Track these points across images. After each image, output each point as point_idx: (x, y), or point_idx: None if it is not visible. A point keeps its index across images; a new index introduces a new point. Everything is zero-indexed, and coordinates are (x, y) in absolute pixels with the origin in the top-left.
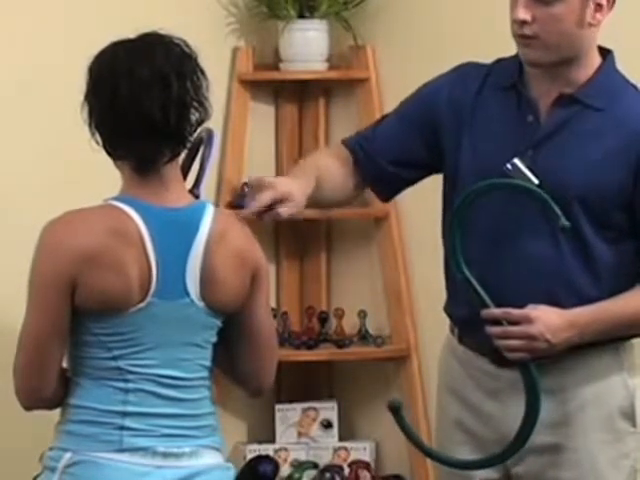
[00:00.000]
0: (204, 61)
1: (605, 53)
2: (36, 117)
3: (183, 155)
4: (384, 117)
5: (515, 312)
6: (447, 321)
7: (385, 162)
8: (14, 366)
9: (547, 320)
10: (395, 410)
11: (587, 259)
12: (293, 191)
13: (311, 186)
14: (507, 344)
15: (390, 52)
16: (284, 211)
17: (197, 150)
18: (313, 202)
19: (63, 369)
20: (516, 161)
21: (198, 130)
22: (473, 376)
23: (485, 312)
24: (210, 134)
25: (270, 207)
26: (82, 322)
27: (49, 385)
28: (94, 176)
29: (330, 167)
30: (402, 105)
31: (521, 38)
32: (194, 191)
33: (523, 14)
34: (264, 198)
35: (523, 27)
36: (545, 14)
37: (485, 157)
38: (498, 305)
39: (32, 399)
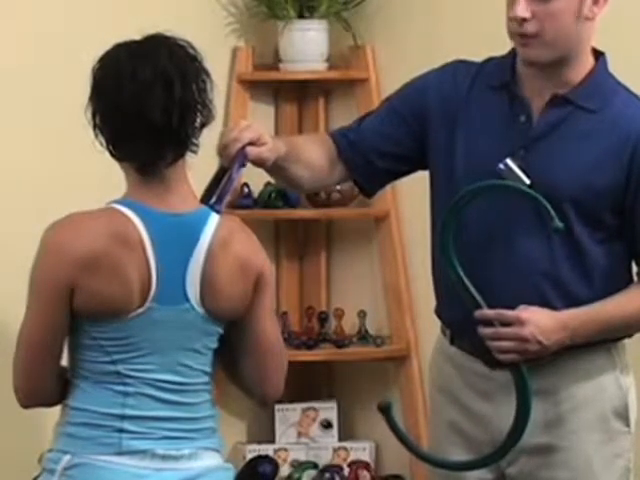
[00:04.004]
0: (205, 65)
1: (598, 55)
2: (39, 119)
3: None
4: (368, 113)
5: (507, 313)
6: None
7: (371, 153)
8: (13, 365)
9: (538, 322)
10: (385, 410)
11: (578, 260)
12: (263, 134)
13: (284, 147)
14: (498, 345)
15: (390, 52)
16: (251, 149)
17: (223, 173)
18: (286, 178)
19: (62, 368)
20: (508, 161)
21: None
22: (465, 377)
23: (478, 313)
24: (243, 153)
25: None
26: (81, 325)
27: (47, 384)
28: (98, 178)
29: (310, 145)
30: (389, 99)
31: (520, 37)
32: (215, 206)
33: (522, 11)
34: (233, 151)
35: (523, 25)
36: (544, 10)
37: (477, 157)
38: (489, 306)
39: (30, 397)
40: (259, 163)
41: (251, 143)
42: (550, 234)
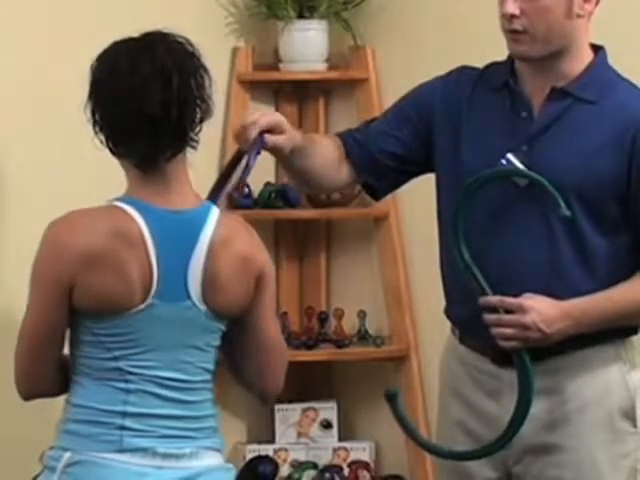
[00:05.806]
0: (204, 61)
1: (597, 49)
2: (39, 118)
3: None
4: (374, 118)
5: (510, 300)
6: (447, 321)
7: (378, 153)
8: (14, 359)
9: (541, 310)
10: (391, 398)
11: (583, 252)
12: (282, 122)
13: (299, 138)
14: (500, 332)
15: (390, 53)
16: (269, 136)
17: (239, 158)
18: (299, 171)
19: (64, 357)
20: (510, 156)
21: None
22: (474, 376)
23: (483, 299)
24: (261, 139)
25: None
26: (82, 321)
27: (47, 377)
28: (98, 176)
29: (323, 141)
30: (396, 104)
31: (510, 33)
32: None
33: (512, 8)
34: (251, 134)
35: (512, 22)
36: (533, 7)
37: (481, 155)
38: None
39: (31, 391)
40: (276, 151)
41: (269, 130)
42: (553, 225)
